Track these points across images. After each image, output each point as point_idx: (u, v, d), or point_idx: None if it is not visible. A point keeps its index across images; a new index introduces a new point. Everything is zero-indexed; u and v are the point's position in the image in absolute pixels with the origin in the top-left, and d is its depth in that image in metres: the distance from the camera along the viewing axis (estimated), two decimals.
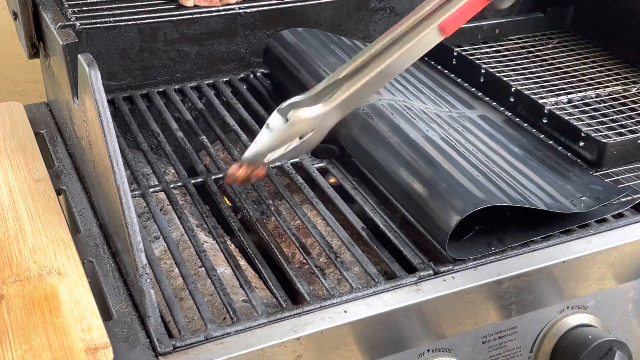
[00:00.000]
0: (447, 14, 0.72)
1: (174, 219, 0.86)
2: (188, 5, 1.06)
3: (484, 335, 0.75)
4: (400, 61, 0.73)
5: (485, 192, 0.77)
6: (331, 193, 0.86)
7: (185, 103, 1.06)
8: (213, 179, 0.89)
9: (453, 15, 0.71)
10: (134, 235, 0.66)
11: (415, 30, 0.73)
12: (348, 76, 0.74)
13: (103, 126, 0.66)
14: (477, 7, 0.72)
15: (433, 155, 0.83)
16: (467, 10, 0.71)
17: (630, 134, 0.93)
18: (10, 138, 0.93)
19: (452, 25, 0.72)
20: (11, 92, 1.38)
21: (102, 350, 0.63)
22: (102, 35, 1.03)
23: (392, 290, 0.72)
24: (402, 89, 1.00)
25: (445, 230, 0.73)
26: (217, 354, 0.64)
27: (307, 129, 0.73)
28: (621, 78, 1.09)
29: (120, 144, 0.89)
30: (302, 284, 0.73)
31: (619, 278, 0.80)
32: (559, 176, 0.85)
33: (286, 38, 1.09)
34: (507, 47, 1.17)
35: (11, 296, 0.69)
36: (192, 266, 0.81)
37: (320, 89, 0.75)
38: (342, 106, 0.74)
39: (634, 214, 0.83)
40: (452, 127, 0.92)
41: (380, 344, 0.70)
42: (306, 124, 0.73)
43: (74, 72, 0.78)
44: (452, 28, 0.72)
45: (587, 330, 0.77)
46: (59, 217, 0.80)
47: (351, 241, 0.79)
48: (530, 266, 0.75)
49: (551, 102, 1.02)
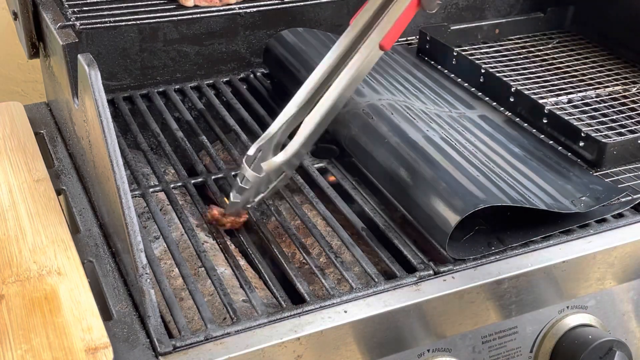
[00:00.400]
0: (384, 31, 0.74)
1: (174, 219, 0.86)
2: (188, 5, 1.06)
3: (484, 335, 0.75)
4: (350, 86, 0.76)
5: (485, 192, 0.77)
6: (331, 193, 0.86)
7: (185, 103, 1.06)
8: (213, 179, 0.89)
9: (391, 30, 0.74)
10: (134, 235, 0.66)
11: (357, 53, 0.75)
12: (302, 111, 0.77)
13: (103, 126, 0.66)
14: (409, 16, 0.75)
15: (433, 155, 0.83)
16: (402, 22, 0.74)
17: (630, 134, 0.93)
18: (10, 138, 0.93)
19: (390, 40, 0.75)
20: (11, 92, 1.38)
21: (102, 350, 0.63)
22: (102, 35, 1.03)
23: (392, 290, 0.72)
24: (402, 89, 1.00)
25: (445, 230, 0.73)
26: (217, 354, 0.64)
27: (279, 172, 0.78)
28: (621, 78, 1.09)
29: (120, 144, 0.89)
30: (302, 284, 0.73)
31: (619, 278, 0.80)
32: (559, 176, 0.85)
33: (286, 38, 1.09)
34: (507, 47, 1.17)
35: (11, 296, 0.69)
36: (192, 266, 0.81)
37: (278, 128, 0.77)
38: (307, 142, 0.77)
39: (634, 214, 0.83)
40: (452, 127, 0.92)
41: (380, 344, 0.70)
42: (278, 169, 0.77)
43: (74, 72, 0.78)
44: (391, 42, 0.75)
45: (587, 330, 0.77)
46: (59, 217, 0.80)
47: (351, 241, 0.79)
48: (530, 266, 0.75)
49: (551, 102, 1.02)
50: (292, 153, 0.76)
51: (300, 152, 0.77)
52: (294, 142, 0.76)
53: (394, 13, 0.74)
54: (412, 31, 1.21)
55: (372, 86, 0.98)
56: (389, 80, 1.02)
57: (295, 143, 0.76)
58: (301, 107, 0.77)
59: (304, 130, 0.76)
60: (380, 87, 0.99)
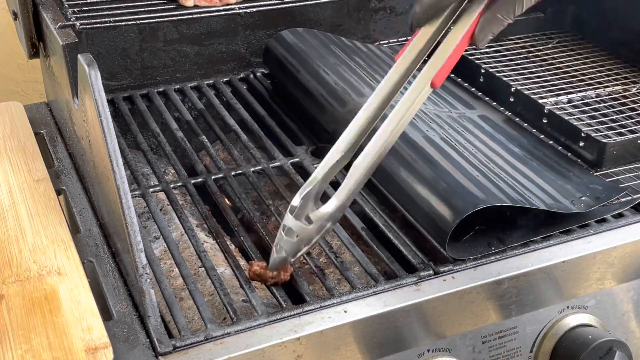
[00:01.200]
0: (436, 68, 0.69)
1: (174, 219, 0.86)
2: (188, 5, 1.06)
3: (484, 335, 0.75)
4: (399, 128, 0.71)
5: (485, 192, 0.77)
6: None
7: (185, 103, 1.06)
8: (213, 179, 0.89)
9: (442, 67, 0.69)
10: (134, 235, 0.66)
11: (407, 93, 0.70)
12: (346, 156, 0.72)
13: (103, 126, 0.66)
14: (461, 51, 0.70)
15: (433, 156, 0.83)
16: (454, 58, 0.70)
17: (630, 134, 0.93)
18: (10, 138, 0.93)
19: (442, 77, 0.70)
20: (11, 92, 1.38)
21: (102, 350, 0.63)
22: (102, 35, 1.03)
23: (392, 290, 0.72)
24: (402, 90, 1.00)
25: (445, 230, 0.73)
26: (217, 354, 0.64)
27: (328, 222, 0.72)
28: (621, 78, 1.09)
29: (120, 144, 0.89)
30: (302, 284, 0.73)
31: (619, 278, 0.80)
32: (559, 176, 0.85)
33: (286, 38, 1.09)
34: (507, 47, 1.17)
35: (11, 296, 0.69)
36: (192, 266, 0.81)
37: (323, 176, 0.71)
38: (355, 190, 0.72)
39: (634, 214, 0.83)
40: (452, 128, 0.92)
41: (380, 344, 0.70)
42: (327, 219, 0.71)
43: (74, 72, 0.78)
44: (442, 79, 0.70)
45: (587, 330, 0.77)
46: (59, 217, 0.80)
47: (351, 241, 0.79)
48: (530, 266, 0.75)
49: (551, 102, 1.01)
50: (341, 203, 0.71)
51: (348, 201, 0.72)
52: (344, 189, 0.71)
53: (446, 49, 0.69)
54: None
55: (373, 86, 0.98)
56: None
57: (344, 191, 0.71)
58: (346, 152, 0.71)
59: (353, 176, 0.71)
60: None
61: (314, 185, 0.71)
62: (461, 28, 0.69)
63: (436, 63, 0.69)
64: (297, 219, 0.70)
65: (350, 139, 0.71)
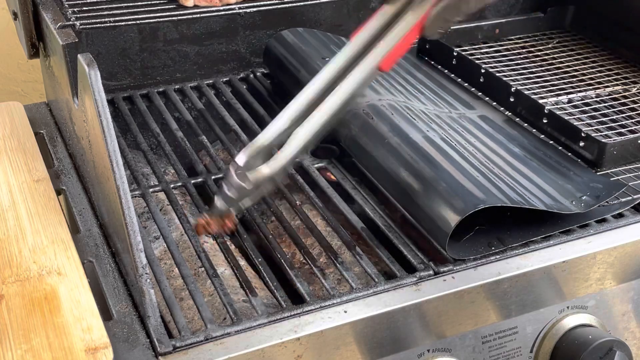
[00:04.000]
0: (384, 53, 0.72)
1: (174, 219, 0.86)
2: (188, 5, 1.06)
3: (484, 335, 0.75)
4: (345, 104, 0.74)
5: (485, 192, 0.77)
6: (331, 193, 0.86)
7: (185, 103, 1.06)
8: (213, 179, 0.89)
9: (390, 53, 0.72)
10: (134, 235, 0.66)
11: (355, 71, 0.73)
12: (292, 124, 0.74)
13: (103, 126, 0.66)
14: (410, 40, 0.73)
15: (433, 156, 0.83)
16: (402, 46, 0.72)
17: (630, 134, 0.93)
18: (10, 138, 0.93)
19: (390, 62, 0.73)
20: (11, 92, 1.38)
21: (102, 350, 0.63)
22: (102, 35, 1.03)
23: (392, 290, 0.72)
24: (402, 90, 1.00)
25: (445, 230, 0.73)
26: (217, 354, 0.64)
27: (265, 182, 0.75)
28: (621, 78, 1.09)
29: (120, 144, 0.89)
30: (302, 284, 0.73)
31: (619, 278, 0.80)
32: (559, 176, 0.85)
33: (286, 38, 1.09)
34: (507, 47, 1.17)
35: (11, 296, 0.69)
36: (192, 266, 0.81)
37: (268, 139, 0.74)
38: (294, 157, 0.74)
39: (634, 214, 0.83)
40: (452, 128, 0.92)
41: (380, 344, 0.70)
42: (264, 179, 0.74)
43: (74, 72, 0.78)
44: (390, 65, 0.73)
45: (587, 330, 0.77)
46: (59, 217, 0.80)
47: (351, 241, 0.79)
48: (530, 266, 0.75)
49: (551, 102, 1.01)
50: (278, 167, 0.74)
51: (287, 166, 0.75)
52: (282, 156, 0.74)
53: (396, 36, 0.72)
54: None
55: (372, 86, 0.98)
56: (389, 80, 1.02)
57: (282, 157, 0.74)
58: (294, 120, 0.75)
59: (292, 145, 0.74)
60: (381, 87, 0.99)
61: (258, 147, 0.74)
62: (413, 17, 0.72)
63: (385, 47, 0.72)
64: (237, 177, 0.73)
65: (300, 107, 0.75)
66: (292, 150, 0.74)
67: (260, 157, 0.74)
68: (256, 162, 0.74)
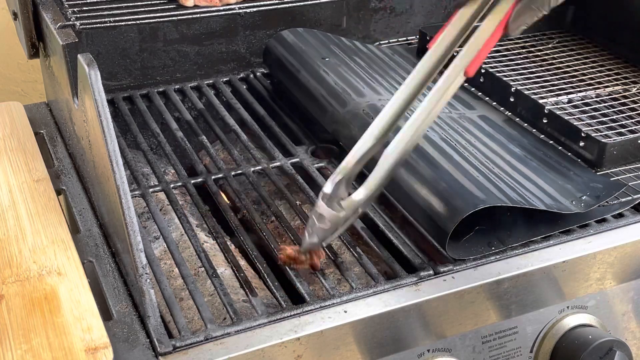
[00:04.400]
0: (470, 57, 0.69)
1: (174, 219, 0.86)
2: (188, 5, 1.06)
3: (484, 335, 0.75)
4: (432, 115, 0.70)
5: (486, 192, 0.77)
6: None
7: (185, 103, 1.06)
8: (213, 179, 0.89)
9: (477, 56, 0.69)
10: (134, 235, 0.66)
11: (440, 80, 0.70)
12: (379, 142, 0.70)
13: (103, 126, 0.66)
14: (495, 40, 0.69)
15: (433, 156, 0.83)
16: (487, 47, 0.69)
17: (630, 134, 0.93)
18: (10, 138, 0.93)
19: (476, 66, 0.69)
20: (11, 92, 1.38)
21: (102, 350, 0.63)
22: (102, 35, 1.03)
23: (392, 290, 0.72)
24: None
25: (446, 230, 0.73)
26: (217, 354, 0.64)
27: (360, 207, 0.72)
28: (621, 78, 1.09)
29: (120, 144, 0.89)
30: (302, 284, 0.73)
31: (619, 278, 0.80)
32: (559, 176, 0.85)
33: (286, 38, 1.09)
34: (507, 47, 1.17)
35: (11, 296, 0.69)
36: (192, 266, 0.81)
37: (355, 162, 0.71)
38: (387, 177, 0.71)
39: (634, 214, 0.83)
40: (452, 128, 0.92)
41: (380, 344, 0.70)
42: (359, 205, 0.71)
43: (74, 72, 0.78)
44: (475, 68, 0.69)
45: (587, 330, 0.77)
46: (59, 217, 0.80)
47: (351, 241, 0.79)
48: (530, 266, 0.75)
49: (551, 102, 1.01)
50: (372, 190, 0.70)
51: (380, 187, 0.71)
52: (374, 179, 0.70)
53: (480, 37, 0.69)
54: (412, 31, 1.21)
55: (373, 86, 0.98)
56: (389, 80, 1.02)
57: (375, 178, 0.70)
58: (378, 138, 0.70)
59: (384, 164, 0.70)
60: (381, 87, 0.99)
61: (346, 172, 0.71)
62: (496, 16, 0.68)
63: (470, 51, 0.69)
64: (329, 206, 0.70)
65: (384, 124, 0.71)
66: (383, 171, 0.70)
67: (345, 183, 0.71)
68: (342, 188, 0.71)
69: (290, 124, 1.02)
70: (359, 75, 1.01)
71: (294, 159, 0.93)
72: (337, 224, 0.71)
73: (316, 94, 0.98)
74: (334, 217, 0.70)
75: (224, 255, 0.79)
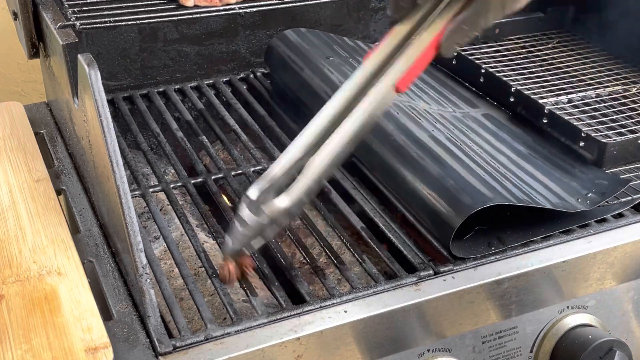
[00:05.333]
0: (400, 73, 0.69)
1: (174, 219, 0.86)
2: (188, 5, 1.06)
3: (484, 335, 0.75)
4: (363, 129, 0.70)
5: (492, 191, 0.77)
6: (331, 193, 0.86)
7: (185, 103, 1.06)
8: (213, 179, 0.89)
9: (407, 72, 0.69)
10: (134, 235, 0.66)
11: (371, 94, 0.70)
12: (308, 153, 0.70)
13: (103, 126, 0.66)
14: (427, 59, 0.70)
15: (439, 154, 0.83)
16: (419, 65, 0.69)
17: (630, 134, 0.93)
18: (10, 138, 0.93)
19: (406, 82, 0.69)
20: (11, 92, 1.38)
21: (102, 350, 0.63)
22: (102, 35, 1.03)
23: (392, 290, 0.72)
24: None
25: (452, 225, 0.73)
26: (217, 354, 0.64)
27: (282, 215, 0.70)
28: (621, 78, 1.09)
29: (120, 144, 0.89)
30: (302, 284, 0.73)
31: (619, 278, 0.80)
32: (563, 173, 0.85)
33: (289, 37, 1.09)
34: (507, 47, 1.17)
35: (11, 296, 0.69)
36: (192, 266, 0.81)
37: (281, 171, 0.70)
38: (312, 188, 0.70)
39: (634, 214, 0.83)
40: (457, 128, 0.92)
41: (380, 344, 0.70)
42: (281, 213, 0.70)
43: (74, 72, 0.78)
44: (406, 84, 0.70)
45: (587, 330, 0.77)
46: (59, 217, 0.80)
47: (351, 241, 0.79)
48: (530, 266, 0.75)
49: (551, 102, 1.01)
50: (296, 199, 0.69)
51: (304, 198, 0.70)
52: (299, 187, 0.69)
53: (411, 55, 0.69)
54: None
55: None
56: None
57: (299, 188, 0.69)
58: (308, 148, 0.70)
59: (310, 175, 0.69)
60: None
61: (271, 180, 0.70)
62: (428, 35, 0.69)
63: (401, 67, 0.69)
64: (251, 211, 0.69)
65: (313, 135, 0.70)
66: (309, 180, 0.69)
67: (272, 191, 0.70)
68: (268, 196, 0.69)
69: (290, 124, 1.02)
70: None
71: None
72: (259, 230, 0.70)
73: (320, 92, 0.98)
74: (255, 223, 0.69)
75: None
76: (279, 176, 0.70)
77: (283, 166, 0.70)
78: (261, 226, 0.70)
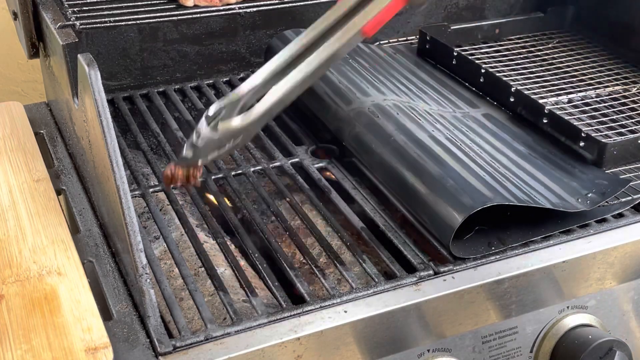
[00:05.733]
0: (368, 17, 0.72)
1: (174, 219, 0.86)
2: (188, 5, 1.06)
3: (484, 335, 0.75)
4: (324, 65, 0.73)
5: (493, 191, 0.77)
6: (331, 193, 0.86)
7: (185, 103, 1.06)
8: (213, 179, 0.89)
9: (375, 17, 0.71)
10: (134, 235, 0.66)
11: (337, 34, 0.73)
12: (271, 79, 0.73)
13: (103, 126, 0.66)
14: (397, 7, 0.72)
15: (439, 154, 0.83)
16: (387, 12, 0.72)
17: (630, 134, 0.93)
18: (10, 138, 0.93)
19: (374, 27, 0.72)
20: (11, 92, 1.38)
21: (102, 350, 0.63)
22: (102, 35, 1.03)
23: (392, 290, 0.72)
24: (405, 90, 1.00)
25: (452, 225, 0.73)
26: (217, 354, 0.64)
27: (235, 136, 0.73)
28: (621, 78, 1.09)
29: (120, 144, 0.89)
30: (302, 284, 0.73)
31: (619, 278, 0.80)
32: (564, 173, 0.85)
33: (289, 37, 1.09)
34: (507, 47, 1.17)
35: (11, 296, 0.69)
36: (192, 266, 0.81)
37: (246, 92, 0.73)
38: (268, 113, 0.73)
39: (634, 214, 0.83)
40: (457, 128, 0.92)
41: (380, 344, 0.70)
42: (233, 133, 0.72)
43: (74, 72, 0.78)
44: (373, 30, 0.72)
45: (587, 330, 0.77)
46: (59, 217, 0.80)
47: (351, 241, 0.79)
48: (530, 266, 0.75)
49: (551, 102, 1.01)
50: (251, 120, 0.72)
51: (260, 121, 0.73)
52: (255, 110, 0.72)
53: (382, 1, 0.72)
54: (412, 31, 1.21)
55: (377, 87, 0.98)
56: (392, 81, 1.02)
57: (256, 111, 0.72)
58: (273, 76, 0.73)
59: (268, 100, 0.72)
60: (385, 87, 0.99)
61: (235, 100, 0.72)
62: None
63: (370, 11, 0.72)
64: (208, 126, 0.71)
65: (280, 64, 0.73)
66: (266, 105, 0.72)
67: (235, 113, 0.72)
68: (230, 116, 0.72)
69: (290, 123, 1.02)
70: (362, 75, 1.01)
71: (294, 159, 0.93)
72: (212, 144, 0.72)
73: (320, 91, 0.98)
74: (208, 138, 0.71)
75: (224, 255, 0.79)
76: (239, 98, 0.72)
77: (246, 89, 0.73)
78: (213, 141, 0.71)
